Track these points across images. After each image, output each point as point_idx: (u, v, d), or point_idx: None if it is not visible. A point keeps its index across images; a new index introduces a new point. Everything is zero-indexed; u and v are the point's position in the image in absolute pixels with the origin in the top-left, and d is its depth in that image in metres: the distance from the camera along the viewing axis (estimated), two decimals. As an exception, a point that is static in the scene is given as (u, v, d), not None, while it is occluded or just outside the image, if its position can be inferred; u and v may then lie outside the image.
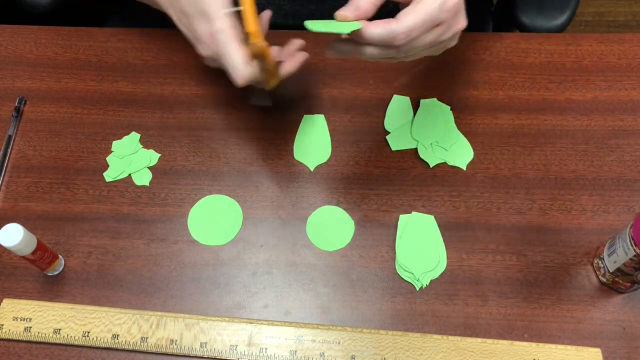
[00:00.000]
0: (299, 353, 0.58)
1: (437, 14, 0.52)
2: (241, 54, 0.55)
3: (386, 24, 0.51)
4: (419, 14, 0.51)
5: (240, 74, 0.55)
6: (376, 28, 0.52)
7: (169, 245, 0.64)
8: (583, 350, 0.57)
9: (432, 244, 0.63)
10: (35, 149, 0.70)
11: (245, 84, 0.56)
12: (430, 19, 0.52)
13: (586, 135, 0.69)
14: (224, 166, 0.68)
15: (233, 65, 0.55)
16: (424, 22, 0.52)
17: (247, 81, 0.56)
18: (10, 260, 0.64)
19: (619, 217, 0.64)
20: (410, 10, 0.52)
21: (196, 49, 0.61)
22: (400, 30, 0.51)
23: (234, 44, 0.55)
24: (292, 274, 0.62)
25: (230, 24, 0.56)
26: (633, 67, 0.73)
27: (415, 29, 0.51)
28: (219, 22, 0.56)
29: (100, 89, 0.74)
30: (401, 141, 0.69)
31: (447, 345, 0.58)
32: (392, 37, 0.51)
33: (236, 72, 0.55)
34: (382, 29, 0.51)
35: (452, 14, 0.53)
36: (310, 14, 0.79)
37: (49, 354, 0.59)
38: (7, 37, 0.78)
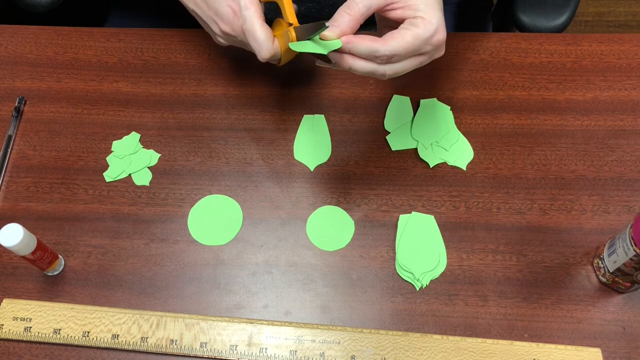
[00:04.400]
0: (299, 353, 0.58)
1: (421, 46, 0.54)
2: (266, 32, 0.57)
3: (371, 41, 0.52)
4: (404, 42, 0.52)
5: (266, 50, 0.58)
6: (361, 44, 0.52)
7: (169, 245, 0.64)
8: (583, 350, 0.57)
9: (432, 244, 0.63)
10: (35, 149, 0.70)
11: (269, 59, 0.59)
12: (413, 49, 0.53)
13: (586, 135, 0.69)
14: (224, 166, 0.68)
15: (259, 42, 0.57)
16: (407, 51, 0.53)
17: (271, 57, 0.59)
18: (10, 260, 0.64)
19: (619, 217, 0.64)
20: (398, 34, 0.53)
21: (213, 27, 0.63)
22: (383, 52, 0.52)
23: (259, 21, 0.57)
24: (292, 274, 0.62)
25: (255, 1, 0.58)
26: (633, 67, 0.73)
27: (398, 54, 0.53)
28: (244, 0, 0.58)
29: (100, 89, 0.74)
30: (401, 141, 0.69)
31: (447, 345, 0.58)
32: (373, 55, 0.52)
33: (263, 48, 0.58)
34: (366, 47, 0.52)
35: (436, 47, 0.55)
36: (308, 11, 0.79)
37: (49, 354, 0.59)
38: (7, 37, 0.78)
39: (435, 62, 0.74)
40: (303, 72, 0.74)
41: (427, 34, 0.53)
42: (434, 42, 0.54)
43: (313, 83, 0.73)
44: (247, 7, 0.58)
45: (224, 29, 0.61)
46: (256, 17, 0.57)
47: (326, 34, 0.52)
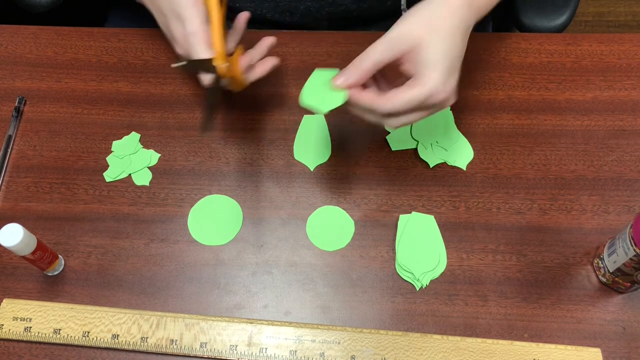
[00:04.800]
0: (299, 353, 0.58)
1: (418, 106, 0.55)
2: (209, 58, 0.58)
3: (372, 98, 0.55)
4: (401, 102, 0.54)
5: (206, 77, 0.59)
6: (362, 100, 0.55)
7: (169, 245, 0.64)
8: (583, 350, 0.57)
9: (432, 244, 0.63)
10: (35, 149, 0.70)
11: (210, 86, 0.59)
12: (411, 108, 0.55)
13: (586, 135, 0.69)
14: (224, 166, 0.68)
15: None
16: (405, 109, 0.55)
17: (212, 84, 0.59)
18: (10, 260, 0.64)
19: (619, 217, 0.64)
20: (397, 94, 0.54)
21: (173, 47, 0.64)
22: (381, 110, 0.55)
23: (202, 47, 0.58)
24: (292, 274, 0.62)
25: (202, 27, 0.59)
26: (633, 67, 0.73)
27: (396, 112, 0.55)
28: (190, 25, 0.59)
29: (100, 89, 0.74)
30: (401, 141, 0.69)
31: (447, 345, 0.58)
32: (373, 109, 0.55)
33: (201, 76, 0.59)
34: (365, 102, 0.55)
35: (440, 101, 0.55)
36: (307, 10, 0.79)
37: (49, 354, 0.59)
38: (7, 37, 0.78)
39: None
40: (303, 72, 0.74)
41: (422, 97, 0.54)
42: (431, 103, 0.55)
43: (313, 83, 0.73)
44: (192, 32, 0.59)
45: (178, 51, 0.63)
46: (201, 43, 0.58)
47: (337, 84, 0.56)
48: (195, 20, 0.58)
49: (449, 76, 0.55)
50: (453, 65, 0.55)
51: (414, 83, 0.54)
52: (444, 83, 0.54)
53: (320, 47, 0.76)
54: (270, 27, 0.80)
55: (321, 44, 0.76)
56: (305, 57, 0.75)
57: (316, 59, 0.75)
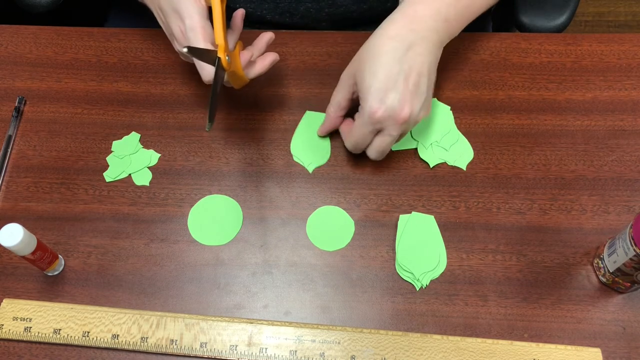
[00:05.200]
0: (299, 353, 0.58)
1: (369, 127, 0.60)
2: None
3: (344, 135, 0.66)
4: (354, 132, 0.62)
5: (206, 73, 0.60)
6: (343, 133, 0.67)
7: (169, 245, 0.64)
8: (583, 350, 0.57)
9: (432, 244, 0.63)
10: (35, 149, 0.70)
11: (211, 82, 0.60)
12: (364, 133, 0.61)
13: (586, 135, 0.69)
14: (224, 166, 0.68)
15: (200, 65, 0.60)
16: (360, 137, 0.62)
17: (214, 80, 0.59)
18: (10, 260, 0.64)
19: (619, 217, 0.64)
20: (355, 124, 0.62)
21: (172, 44, 0.65)
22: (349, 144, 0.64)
23: (202, 44, 0.58)
24: (292, 274, 0.62)
25: (201, 23, 0.59)
26: (633, 67, 0.73)
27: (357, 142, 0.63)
28: (189, 20, 0.59)
29: (100, 89, 0.74)
30: (401, 141, 0.69)
31: (447, 346, 0.58)
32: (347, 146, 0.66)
33: (203, 71, 0.60)
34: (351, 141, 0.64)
35: (386, 119, 0.59)
36: (307, 11, 0.79)
37: (49, 354, 0.59)
38: (7, 37, 0.78)
39: (435, 62, 0.74)
40: (303, 72, 0.74)
41: (364, 121, 0.60)
42: (378, 124, 0.60)
43: (313, 83, 0.73)
44: (191, 28, 0.59)
45: (178, 47, 0.63)
46: (200, 39, 0.58)
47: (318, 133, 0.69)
48: (194, 16, 0.58)
49: (385, 94, 0.58)
50: (388, 82, 0.58)
51: (359, 113, 0.61)
52: (380, 101, 0.58)
53: (320, 47, 0.76)
54: (270, 28, 0.79)
55: (321, 44, 0.76)
56: (305, 57, 0.75)
57: (316, 59, 0.75)
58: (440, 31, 0.62)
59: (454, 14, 0.63)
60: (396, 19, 0.61)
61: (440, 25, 0.62)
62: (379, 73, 0.58)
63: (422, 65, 0.60)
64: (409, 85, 0.59)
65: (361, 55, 0.61)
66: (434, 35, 0.61)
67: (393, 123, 0.59)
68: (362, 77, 0.60)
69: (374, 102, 0.58)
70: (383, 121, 0.59)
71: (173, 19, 0.61)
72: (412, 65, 0.59)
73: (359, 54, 0.62)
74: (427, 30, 0.61)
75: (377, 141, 0.62)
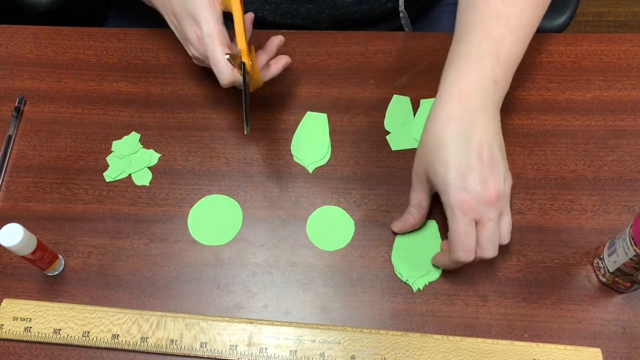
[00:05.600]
0: (299, 353, 0.58)
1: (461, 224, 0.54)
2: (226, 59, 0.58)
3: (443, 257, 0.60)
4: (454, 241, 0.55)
5: (226, 77, 0.59)
6: (442, 260, 0.60)
7: (169, 245, 0.64)
8: (583, 350, 0.57)
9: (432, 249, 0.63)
10: (35, 149, 0.70)
11: (230, 86, 0.61)
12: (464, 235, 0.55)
13: (586, 135, 0.69)
14: (224, 166, 0.68)
15: (219, 69, 0.59)
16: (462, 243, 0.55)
17: (231, 84, 0.60)
18: (10, 260, 0.64)
19: (619, 217, 0.64)
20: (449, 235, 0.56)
21: (186, 48, 0.65)
22: (455, 262, 0.57)
23: (220, 49, 0.59)
24: (292, 274, 0.62)
25: (218, 28, 0.59)
26: (633, 67, 0.73)
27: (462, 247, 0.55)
28: (206, 26, 0.59)
29: (100, 89, 0.74)
30: (401, 141, 0.69)
31: (447, 345, 0.58)
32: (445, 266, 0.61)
33: (222, 75, 0.59)
34: (446, 261, 0.59)
35: (475, 205, 0.54)
36: (307, 12, 0.79)
37: (49, 354, 0.59)
38: (7, 37, 0.78)
39: (436, 62, 0.74)
40: (303, 72, 0.74)
41: (458, 223, 0.54)
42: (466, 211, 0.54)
43: (313, 83, 0.73)
44: (208, 34, 0.59)
45: (193, 52, 0.64)
46: (217, 44, 0.58)
47: (394, 230, 0.63)
48: (210, 22, 0.58)
49: (463, 181, 0.53)
50: (462, 168, 0.54)
51: (446, 213, 0.55)
52: (462, 190, 0.53)
53: (320, 47, 0.76)
54: (271, 29, 0.80)
55: (321, 44, 0.76)
56: (305, 57, 0.75)
57: (316, 59, 0.75)
58: (492, 95, 0.58)
59: (500, 72, 0.58)
60: (445, 102, 0.56)
61: (490, 91, 0.57)
62: (449, 162, 0.54)
63: (488, 137, 0.56)
64: (484, 162, 0.54)
65: (424, 151, 0.57)
66: (487, 103, 0.57)
67: (485, 206, 0.54)
68: (435, 172, 0.55)
69: (457, 194, 0.53)
70: (474, 209, 0.54)
71: (189, 24, 0.61)
72: (480, 141, 0.55)
73: (421, 151, 0.58)
74: (479, 102, 0.56)
75: (482, 234, 0.55)
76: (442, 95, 0.57)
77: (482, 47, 0.57)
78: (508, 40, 0.58)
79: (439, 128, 0.56)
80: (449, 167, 0.54)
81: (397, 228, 0.63)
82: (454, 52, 0.59)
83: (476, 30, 0.58)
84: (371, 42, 0.76)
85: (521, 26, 0.60)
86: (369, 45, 0.76)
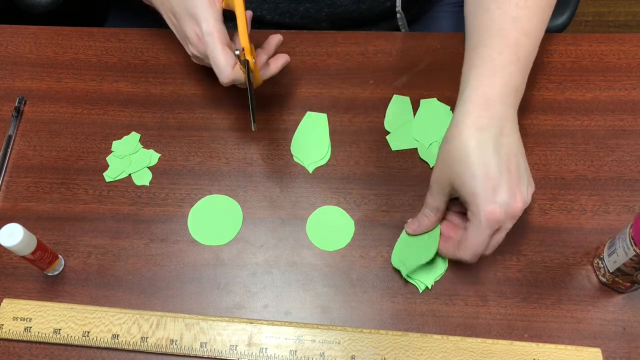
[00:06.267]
0: (299, 353, 0.58)
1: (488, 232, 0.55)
2: (227, 57, 0.59)
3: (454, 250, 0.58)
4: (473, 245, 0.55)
5: (226, 75, 0.59)
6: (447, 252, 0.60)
7: (169, 245, 0.64)
8: (583, 350, 0.57)
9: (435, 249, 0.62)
10: (35, 149, 0.70)
11: (230, 84, 0.60)
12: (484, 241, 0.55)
13: (586, 135, 0.69)
14: (224, 166, 0.68)
15: (219, 67, 0.59)
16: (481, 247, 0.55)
17: (232, 82, 0.60)
18: (10, 260, 0.64)
19: (619, 217, 0.64)
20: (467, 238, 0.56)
21: (185, 47, 0.65)
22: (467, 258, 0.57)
23: (220, 47, 0.58)
24: (292, 274, 0.62)
25: (218, 26, 0.59)
26: (633, 67, 0.73)
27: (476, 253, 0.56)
28: (206, 24, 0.59)
29: (100, 89, 0.74)
30: (401, 141, 0.69)
31: (447, 345, 0.58)
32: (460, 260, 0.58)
33: (222, 73, 0.59)
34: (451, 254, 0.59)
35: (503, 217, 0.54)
36: (306, 12, 0.79)
37: (49, 354, 0.59)
38: (7, 37, 0.78)
39: (435, 62, 0.74)
40: (303, 72, 0.74)
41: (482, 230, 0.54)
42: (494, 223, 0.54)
43: (313, 83, 0.73)
44: (208, 32, 0.58)
45: (192, 51, 0.63)
46: (217, 43, 0.58)
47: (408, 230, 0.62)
48: (210, 20, 0.58)
49: (494, 193, 0.53)
50: (492, 179, 0.53)
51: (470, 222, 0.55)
52: (492, 202, 0.53)
53: (320, 47, 0.76)
54: (270, 28, 0.80)
55: (321, 44, 0.76)
56: (305, 57, 0.75)
57: (316, 59, 0.75)
58: (514, 103, 0.57)
59: (520, 79, 0.58)
60: (469, 111, 0.56)
61: (512, 98, 0.57)
62: (478, 174, 0.53)
63: (514, 146, 0.55)
64: (512, 172, 0.54)
65: (449, 160, 0.56)
66: (510, 110, 0.57)
67: (510, 218, 0.54)
68: (462, 183, 0.54)
69: (487, 206, 0.53)
70: (500, 220, 0.54)
71: (188, 23, 0.61)
72: (507, 151, 0.54)
73: (446, 159, 0.57)
74: (504, 111, 0.56)
75: (494, 241, 0.56)
76: (467, 103, 0.56)
77: (504, 54, 0.57)
78: (524, 44, 0.58)
79: (466, 137, 0.55)
80: (478, 179, 0.53)
81: (411, 229, 0.62)
82: (474, 57, 0.59)
83: (493, 35, 0.58)
84: (371, 42, 0.76)
85: (534, 29, 0.60)
86: (369, 45, 0.76)
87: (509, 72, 0.57)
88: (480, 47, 0.59)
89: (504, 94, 0.56)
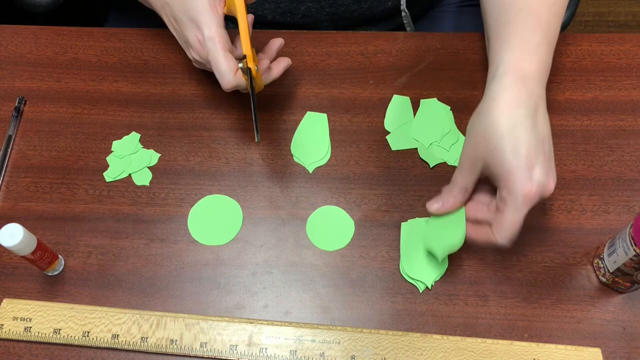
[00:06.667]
0: (299, 353, 0.58)
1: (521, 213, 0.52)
2: (229, 63, 0.58)
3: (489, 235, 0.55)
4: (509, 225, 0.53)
5: (228, 81, 0.59)
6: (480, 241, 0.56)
7: (169, 245, 0.64)
8: (583, 350, 0.57)
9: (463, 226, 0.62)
10: (35, 149, 0.70)
11: (232, 90, 0.60)
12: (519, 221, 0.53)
13: (586, 135, 0.69)
14: (224, 166, 0.68)
15: (221, 73, 0.59)
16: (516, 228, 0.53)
17: (234, 88, 0.60)
18: (10, 260, 0.64)
19: (619, 217, 0.64)
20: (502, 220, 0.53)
21: (186, 52, 0.65)
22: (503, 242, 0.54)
23: (222, 53, 0.58)
24: (292, 274, 0.62)
25: (219, 32, 0.59)
26: (633, 67, 0.73)
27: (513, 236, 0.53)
28: (208, 30, 0.59)
29: (100, 89, 0.74)
30: (401, 141, 0.69)
31: (447, 345, 0.58)
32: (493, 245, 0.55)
33: (224, 79, 0.59)
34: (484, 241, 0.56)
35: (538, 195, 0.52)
36: (307, 11, 0.79)
37: (49, 354, 0.59)
38: (7, 37, 0.78)
39: (435, 62, 0.74)
40: (303, 72, 0.74)
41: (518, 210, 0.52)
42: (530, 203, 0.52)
43: (313, 83, 0.73)
44: (210, 38, 0.58)
45: (193, 55, 0.63)
46: (219, 48, 0.58)
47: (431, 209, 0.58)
48: (212, 26, 0.58)
49: (531, 170, 0.52)
50: (532, 157, 0.52)
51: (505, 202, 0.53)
52: (530, 180, 0.52)
53: (320, 47, 0.76)
54: (271, 28, 0.80)
55: (321, 44, 0.76)
56: (305, 57, 0.75)
57: (316, 59, 0.75)
58: (545, 83, 0.56)
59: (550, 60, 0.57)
60: (507, 85, 0.54)
61: (544, 78, 0.56)
62: (520, 149, 0.51)
63: (547, 126, 0.54)
64: (547, 153, 0.53)
65: (485, 134, 0.53)
66: (543, 90, 0.55)
67: (539, 199, 0.53)
68: (501, 158, 0.52)
69: (525, 184, 0.51)
70: (535, 201, 0.52)
71: (190, 28, 0.61)
72: (543, 130, 0.53)
73: (480, 133, 0.54)
74: (540, 89, 0.55)
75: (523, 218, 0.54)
76: (504, 77, 0.54)
77: (537, 33, 0.56)
78: (553, 25, 0.58)
79: (506, 112, 0.52)
80: (519, 155, 0.51)
81: (434, 209, 0.58)
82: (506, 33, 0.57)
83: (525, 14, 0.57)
84: (371, 41, 0.76)
85: (560, 12, 0.59)
86: (369, 45, 0.76)
87: (543, 51, 0.56)
88: (512, 23, 0.57)
89: (540, 72, 0.55)
